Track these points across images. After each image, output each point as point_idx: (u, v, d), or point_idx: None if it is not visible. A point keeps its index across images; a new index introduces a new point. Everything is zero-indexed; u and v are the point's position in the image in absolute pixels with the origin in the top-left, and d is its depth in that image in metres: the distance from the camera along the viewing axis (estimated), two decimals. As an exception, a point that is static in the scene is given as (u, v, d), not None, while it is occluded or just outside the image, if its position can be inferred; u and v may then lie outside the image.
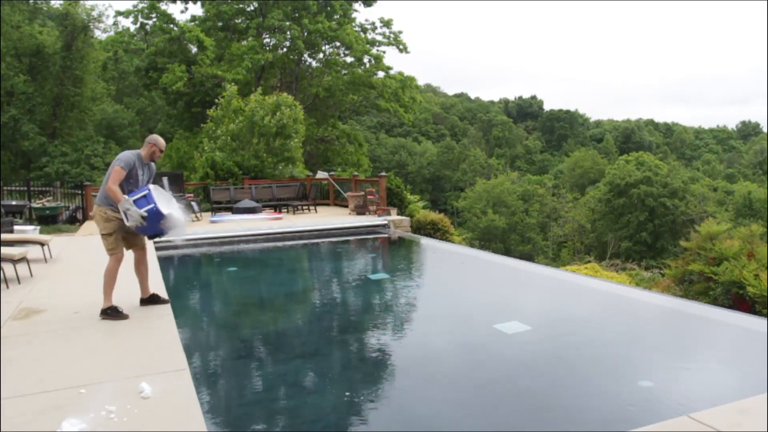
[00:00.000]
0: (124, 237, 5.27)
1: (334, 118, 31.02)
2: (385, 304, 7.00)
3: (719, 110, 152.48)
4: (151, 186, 5.14)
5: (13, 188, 18.35)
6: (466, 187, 60.31)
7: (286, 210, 14.92)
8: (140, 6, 26.09)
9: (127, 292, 5.59)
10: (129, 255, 5.44)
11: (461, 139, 77.60)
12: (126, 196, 4.96)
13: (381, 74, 28.44)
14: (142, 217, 4.90)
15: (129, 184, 5.17)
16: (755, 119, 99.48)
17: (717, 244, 9.04)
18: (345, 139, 30.85)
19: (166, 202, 5.15)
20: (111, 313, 5.13)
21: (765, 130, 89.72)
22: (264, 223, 12.78)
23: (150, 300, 5.55)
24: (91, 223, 13.15)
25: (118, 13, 26.48)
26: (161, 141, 5.36)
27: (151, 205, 4.93)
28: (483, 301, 7.12)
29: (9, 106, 27.39)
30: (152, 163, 5.42)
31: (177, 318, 5.22)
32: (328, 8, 27.64)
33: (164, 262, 8.52)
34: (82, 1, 30.01)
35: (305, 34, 26.78)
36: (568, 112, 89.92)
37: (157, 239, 5.52)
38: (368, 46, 28.05)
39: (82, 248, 9.59)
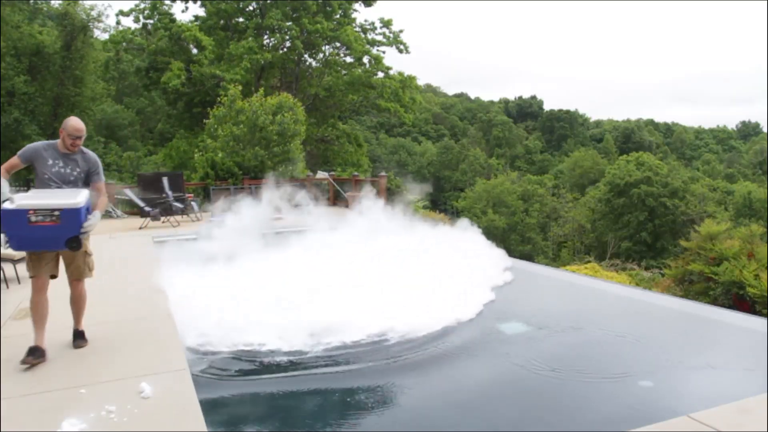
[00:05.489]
0: (63, 261, 4.37)
1: (334, 118, 31.03)
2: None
3: (720, 110, 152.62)
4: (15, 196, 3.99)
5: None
6: (466, 187, 60.22)
7: (286, 210, 14.89)
8: (142, 6, 26.14)
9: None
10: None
11: (461, 139, 77.52)
12: None
13: (381, 74, 28.45)
14: None
15: (42, 181, 4.23)
16: (755, 119, 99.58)
17: (717, 244, 9.02)
18: (345, 139, 30.86)
19: (30, 198, 3.99)
20: (27, 354, 3.94)
21: (765, 130, 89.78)
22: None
23: (73, 335, 4.50)
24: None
25: (121, 13, 26.52)
26: (70, 123, 4.31)
27: None
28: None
29: (11, 107, 27.36)
30: (87, 155, 4.42)
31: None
32: (328, 8, 27.63)
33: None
34: (81, 1, 30.02)
35: (305, 34, 26.77)
36: (568, 112, 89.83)
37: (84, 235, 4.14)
38: (368, 46, 28.05)
39: (82, 248, 9.56)
